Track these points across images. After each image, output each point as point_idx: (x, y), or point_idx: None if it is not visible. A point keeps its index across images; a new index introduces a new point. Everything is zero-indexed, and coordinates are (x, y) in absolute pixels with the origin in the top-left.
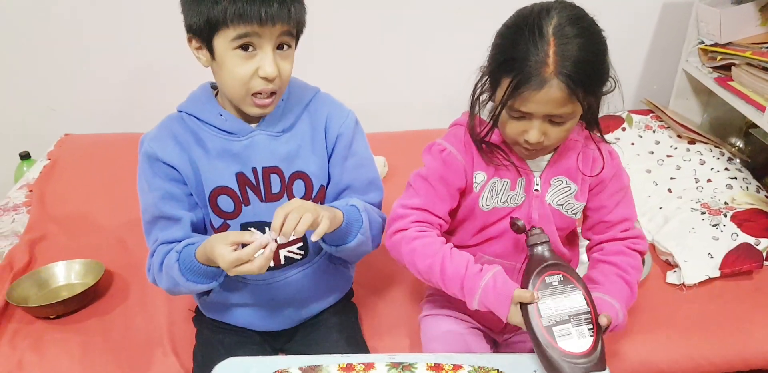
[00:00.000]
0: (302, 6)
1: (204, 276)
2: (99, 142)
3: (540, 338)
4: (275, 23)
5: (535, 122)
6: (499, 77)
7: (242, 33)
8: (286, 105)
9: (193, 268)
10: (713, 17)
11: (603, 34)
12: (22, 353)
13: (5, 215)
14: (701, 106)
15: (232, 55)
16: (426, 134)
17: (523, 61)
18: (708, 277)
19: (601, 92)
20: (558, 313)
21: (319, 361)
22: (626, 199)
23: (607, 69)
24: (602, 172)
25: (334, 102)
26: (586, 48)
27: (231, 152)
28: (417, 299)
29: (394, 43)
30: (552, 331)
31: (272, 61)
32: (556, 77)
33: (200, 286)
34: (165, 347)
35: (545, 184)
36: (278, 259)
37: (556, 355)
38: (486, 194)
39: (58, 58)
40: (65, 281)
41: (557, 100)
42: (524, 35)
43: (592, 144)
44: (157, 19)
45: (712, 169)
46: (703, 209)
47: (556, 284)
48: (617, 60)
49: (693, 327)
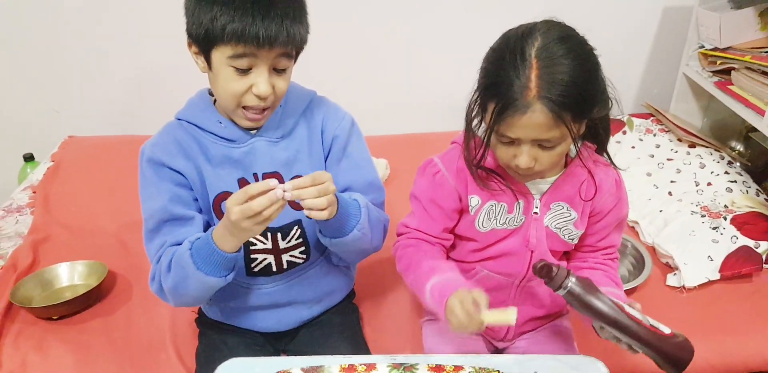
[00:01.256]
0: (303, 27)
1: (216, 265)
2: (102, 144)
3: (655, 337)
4: (273, 46)
5: (524, 147)
6: (486, 102)
7: (239, 53)
8: (284, 111)
9: (207, 253)
10: (713, 22)
11: (594, 54)
12: (26, 353)
13: (9, 216)
14: (701, 110)
15: (227, 71)
16: (428, 137)
17: (506, 86)
18: (708, 280)
19: (595, 113)
20: (635, 313)
21: (321, 362)
22: (619, 228)
23: (599, 89)
24: (603, 201)
25: (330, 105)
26: (571, 69)
27: (232, 159)
28: (418, 301)
29: (398, 45)
30: (655, 326)
31: (266, 81)
32: (538, 101)
33: (210, 278)
34: (167, 348)
35: (545, 207)
36: (281, 264)
37: (670, 344)
38: (482, 217)
39: (62, 60)
40: (68, 282)
41: (542, 124)
42: (507, 59)
43: (597, 170)
44: (161, 21)
45: (712, 173)
46: (703, 212)
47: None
48: (618, 64)
49: (692, 330)
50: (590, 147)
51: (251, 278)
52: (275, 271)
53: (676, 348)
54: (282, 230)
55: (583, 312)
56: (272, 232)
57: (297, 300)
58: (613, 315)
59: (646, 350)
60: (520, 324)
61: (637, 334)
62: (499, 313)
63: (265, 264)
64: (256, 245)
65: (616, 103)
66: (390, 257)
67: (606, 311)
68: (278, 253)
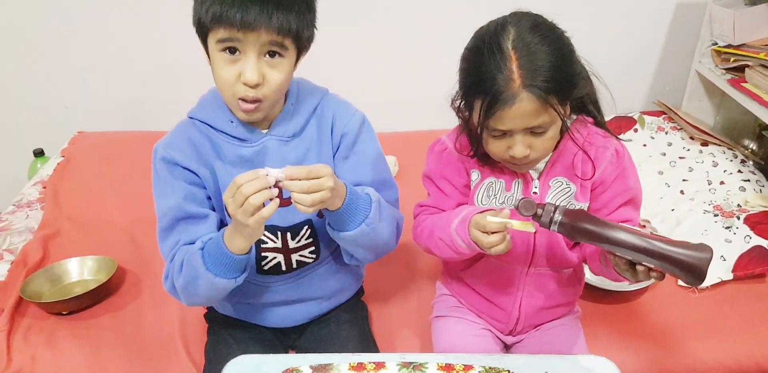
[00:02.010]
0: (296, 17)
1: (226, 267)
2: (112, 139)
3: (660, 242)
4: (255, 29)
5: (517, 137)
6: (472, 100)
7: (224, 37)
8: (295, 109)
9: (217, 254)
10: (727, 18)
11: (566, 36)
12: (35, 348)
13: (19, 211)
14: (714, 108)
15: (218, 57)
16: (437, 134)
17: (489, 81)
18: (720, 280)
19: (576, 93)
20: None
21: (330, 360)
22: (631, 204)
23: (577, 69)
24: (603, 171)
25: (341, 102)
26: (549, 55)
27: (244, 158)
28: (427, 299)
29: (406, 40)
30: (664, 236)
31: (254, 67)
32: (524, 90)
33: (219, 280)
34: (176, 343)
35: (544, 186)
36: (290, 263)
37: (687, 248)
38: (481, 194)
39: (73, 56)
40: (78, 277)
41: (531, 112)
42: (485, 55)
43: (593, 141)
44: (172, 17)
45: (725, 172)
46: (715, 212)
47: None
48: (630, 61)
49: (705, 330)
50: (586, 121)
51: (261, 276)
52: (284, 270)
53: (689, 249)
54: (292, 229)
55: (586, 240)
56: (282, 231)
57: (306, 297)
58: (613, 232)
59: (657, 261)
60: (530, 315)
61: (642, 245)
62: (520, 223)
63: (275, 263)
64: (267, 243)
65: (596, 79)
66: (400, 254)
67: (604, 230)
68: (288, 252)
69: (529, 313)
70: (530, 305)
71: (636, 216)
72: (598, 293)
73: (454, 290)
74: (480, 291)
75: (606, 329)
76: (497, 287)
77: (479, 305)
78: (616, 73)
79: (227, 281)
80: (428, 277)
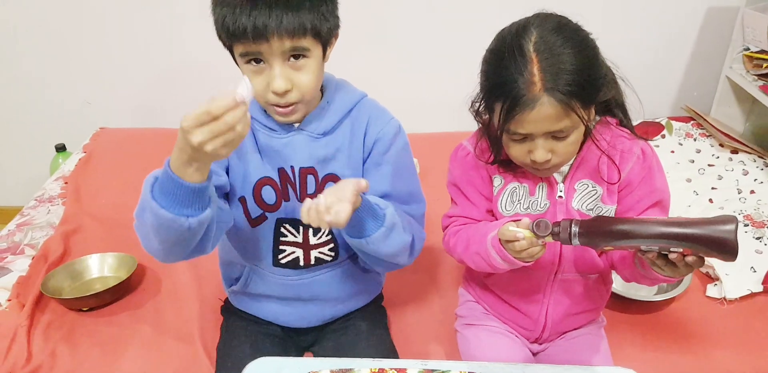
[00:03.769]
0: (307, 13)
1: (173, 197)
2: (134, 136)
3: (682, 222)
4: (269, 39)
5: (538, 141)
6: (492, 103)
7: (244, 51)
8: (330, 108)
9: (163, 178)
10: (760, 23)
11: (590, 38)
12: (55, 344)
13: (41, 206)
14: (744, 114)
15: (245, 69)
16: (459, 136)
17: (510, 84)
18: (750, 291)
19: (601, 96)
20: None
21: (351, 364)
22: (659, 205)
23: (601, 73)
24: (630, 172)
25: (379, 108)
26: (571, 58)
27: (273, 148)
28: (448, 306)
29: (430, 42)
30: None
31: (279, 75)
32: (545, 94)
33: (162, 211)
34: (195, 341)
35: (570, 189)
36: (309, 259)
37: (706, 223)
38: (505, 199)
39: (95, 52)
40: (98, 273)
41: (552, 116)
42: (506, 58)
43: (618, 143)
44: (193, 15)
45: (756, 180)
46: (746, 222)
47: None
48: (658, 65)
49: (733, 343)
50: (610, 123)
51: (277, 268)
52: (302, 265)
53: (711, 224)
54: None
55: (610, 243)
56: (304, 227)
57: (320, 297)
58: (631, 226)
59: (684, 243)
60: (557, 322)
61: (663, 230)
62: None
63: (293, 257)
64: (287, 236)
65: (624, 83)
66: (420, 259)
67: (623, 227)
68: (308, 248)
69: (556, 320)
70: (557, 311)
71: None
72: (624, 302)
73: (479, 296)
74: (505, 298)
75: (631, 339)
76: (523, 294)
77: (505, 313)
78: (643, 77)
79: (171, 217)
80: (449, 282)
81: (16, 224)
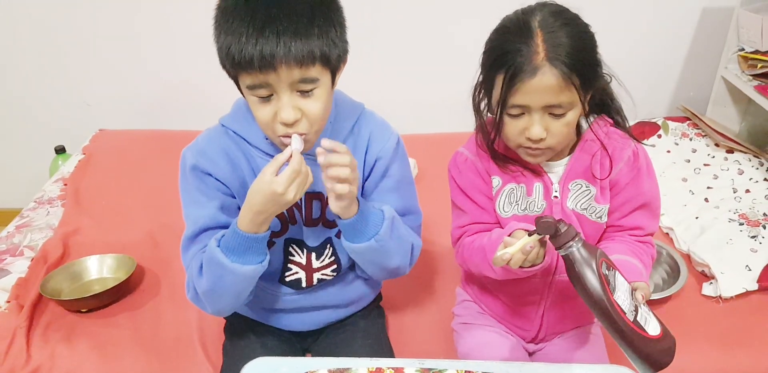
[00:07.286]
0: (316, 39)
1: (248, 251)
2: (133, 137)
3: (633, 335)
4: (277, 68)
5: (535, 116)
6: (493, 77)
7: (252, 84)
8: (334, 127)
9: (235, 242)
10: (755, 24)
11: (589, 28)
12: (54, 345)
13: (40, 207)
14: (739, 114)
15: (251, 100)
16: (457, 137)
17: (513, 53)
18: (745, 290)
19: (597, 84)
20: (626, 302)
21: (348, 364)
22: (646, 210)
23: (598, 60)
24: (619, 172)
25: (378, 122)
26: (573, 35)
27: None
28: (445, 305)
29: (426, 43)
30: (639, 324)
31: (287, 105)
32: (548, 63)
33: (246, 268)
34: (194, 342)
35: (564, 189)
36: (311, 280)
37: (651, 347)
38: (503, 200)
39: (94, 54)
40: (97, 274)
41: (553, 86)
42: (511, 32)
43: (611, 141)
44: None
45: (751, 180)
46: (741, 220)
47: (607, 271)
48: (654, 65)
49: (729, 341)
50: (606, 122)
51: (280, 285)
52: (304, 286)
53: (653, 351)
54: (316, 249)
55: (571, 279)
56: (308, 250)
57: (322, 305)
58: (595, 296)
59: (620, 343)
60: (553, 323)
61: (613, 325)
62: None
63: (296, 278)
64: (294, 256)
65: (618, 82)
66: (419, 259)
67: (591, 289)
68: (310, 271)
69: (552, 321)
70: (553, 312)
71: (650, 224)
72: None
73: (476, 296)
74: (502, 299)
75: None
76: (520, 295)
77: (502, 313)
78: (640, 77)
79: (254, 267)
80: (447, 282)
81: (15, 225)
